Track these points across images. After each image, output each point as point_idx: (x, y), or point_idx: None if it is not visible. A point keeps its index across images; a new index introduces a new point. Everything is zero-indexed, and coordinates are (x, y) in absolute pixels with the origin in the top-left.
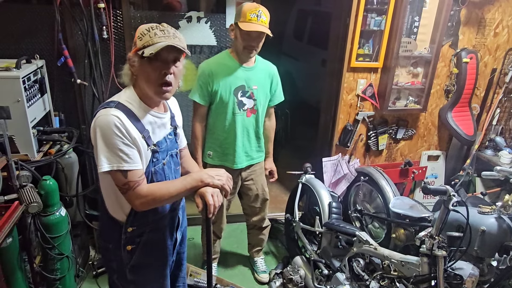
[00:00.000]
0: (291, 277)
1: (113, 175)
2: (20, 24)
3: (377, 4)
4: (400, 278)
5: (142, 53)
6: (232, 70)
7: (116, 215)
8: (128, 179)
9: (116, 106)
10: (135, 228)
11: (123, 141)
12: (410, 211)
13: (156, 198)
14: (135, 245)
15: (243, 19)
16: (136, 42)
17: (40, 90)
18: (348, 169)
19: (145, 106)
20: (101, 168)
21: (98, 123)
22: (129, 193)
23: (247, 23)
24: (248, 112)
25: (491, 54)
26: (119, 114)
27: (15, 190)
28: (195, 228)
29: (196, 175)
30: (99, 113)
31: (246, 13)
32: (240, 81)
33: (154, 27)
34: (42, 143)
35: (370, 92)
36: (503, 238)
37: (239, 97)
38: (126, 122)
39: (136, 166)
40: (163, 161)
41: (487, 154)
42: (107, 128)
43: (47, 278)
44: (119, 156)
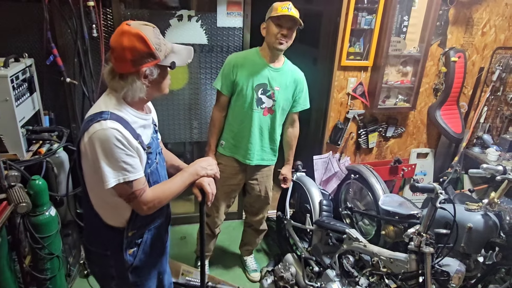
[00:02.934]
0: (282, 275)
1: (118, 188)
2: (8, 22)
3: (367, 3)
4: (389, 275)
5: (173, 64)
6: (257, 66)
7: (113, 222)
8: (134, 189)
9: (111, 117)
10: (135, 231)
11: (126, 152)
12: (399, 208)
13: (162, 200)
14: (136, 247)
15: (274, 12)
16: (156, 55)
17: (29, 89)
18: (338, 167)
19: (134, 111)
20: (107, 184)
21: (97, 138)
22: (135, 201)
23: (281, 12)
24: (265, 111)
25: (478, 53)
26: (117, 126)
27: (4, 190)
28: (188, 227)
29: (192, 170)
30: (94, 128)
31: (278, 7)
32: (263, 79)
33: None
34: (31, 142)
35: (360, 90)
36: (489, 234)
37: (259, 94)
38: (125, 133)
39: (140, 174)
40: (156, 161)
41: (474, 152)
42: (108, 143)
43: (37, 278)
44: (123, 168)
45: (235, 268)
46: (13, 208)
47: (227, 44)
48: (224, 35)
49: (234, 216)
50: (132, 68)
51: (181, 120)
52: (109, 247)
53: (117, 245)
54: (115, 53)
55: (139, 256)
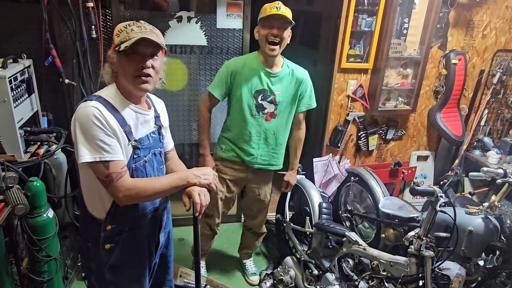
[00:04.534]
0: (281, 278)
1: (95, 167)
2: (7, 22)
3: (368, 5)
4: (389, 278)
5: (119, 48)
6: (255, 72)
7: (95, 212)
8: (110, 171)
9: (97, 99)
10: (114, 226)
11: (104, 132)
12: (399, 211)
13: (140, 192)
14: (114, 244)
15: (263, 14)
16: (114, 39)
17: (28, 90)
18: (338, 169)
19: (126, 101)
20: (81, 159)
21: (77, 115)
22: (111, 185)
23: (267, 14)
24: (267, 116)
25: (479, 56)
26: (98, 106)
27: (1, 191)
28: (186, 229)
29: (182, 174)
30: (79, 107)
31: (266, 8)
32: (261, 85)
33: (131, 24)
34: (29, 143)
35: (360, 93)
36: (490, 238)
37: (259, 100)
38: (105, 113)
39: (117, 157)
40: (145, 158)
41: (475, 155)
42: (86, 119)
43: (34, 280)
44: (100, 147)
45: (234, 272)
46: (11, 210)
47: (227, 45)
48: (223, 36)
49: (233, 219)
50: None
51: (180, 121)
52: (90, 239)
53: (96, 238)
54: None
55: (117, 255)
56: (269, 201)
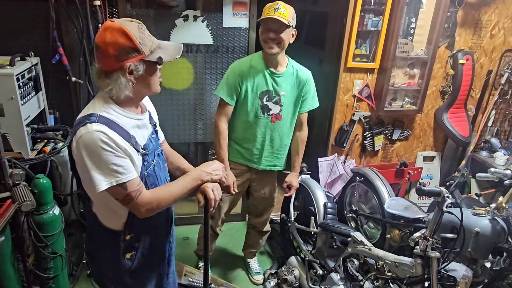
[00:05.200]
0: (285, 277)
1: (112, 191)
2: (15, 21)
3: (374, 5)
4: (394, 279)
5: (160, 59)
6: (260, 73)
7: (112, 225)
8: (129, 190)
9: (99, 119)
10: (133, 235)
11: (114, 154)
12: (405, 212)
13: (161, 203)
14: (134, 251)
15: (262, 15)
16: (140, 49)
17: (35, 87)
18: (343, 169)
19: (125, 112)
20: (98, 188)
21: (82, 143)
22: (132, 203)
23: (264, 17)
24: (272, 118)
25: (487, 56)
26: (103, 129)
27: (8, 188)
28: (191, 228)
29: (195, 174)
30: (80, 132)
31: (265, 9)
32: (267, 86)
33: (142, 27)
34: (36, 141)
35: (366, 92)
36: (497, 239)
37: (265, 101)
38: (112, 135)
39: (132, 176)
40: (153, 163)
41: (482, 155)
42: (94, 146)
43: (40, 277)
44: (114, 170)
45: (238, 270)
46: (17, 207)
47: (233, 44)
48: (229, 35)
49: (237, 218)
50: (115, 64)
51: (185, 120)
52: (108, 250)
53: (115, 249)
54: (99, 49)
55: (138, 260)
56: (274, 199)
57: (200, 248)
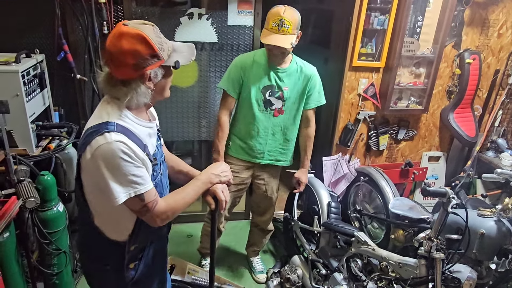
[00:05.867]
0: (288, 277)
1: (129, 202)
2: (20, 18)
3: (380, 3)
4: (398, 280)
5: (177, 63)
6: (263, 68)
7: (116, 237)
8: (146, 201)
9: (116, 129)
10: (137, 245)
11: (134, 165)
12: (409, 212)
13: (176, 211)
14: (138, 261)
15: (266, 26)
16: (160, 55)
17: (40, 84)
18: (348, 168)
19: (139, 120)
20: (117, 201)
21: (101, 155)
22: (148, 214)
23: (267, 32)
24: (275, 112)
25: (494, 55)
26: (122, 138)
27: (13, 185)
28: (194, 225)
29: (204, 178)
30: (97, 142)
31: (270, 20)
32: (270, 81)
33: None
34: (41, 138)
35: (371, 91)
36: (502, 241)
37: (267, 96)
38: (131, 145)
39: (150, 186)
40: (160, 172)
41: (488, 156)
42: (114, 158)
43: (44, 273)
44: (132, 181)
45: (241, 269)
46: (22, 203)
47: (237, 42)
48: (234, 33)
49: (240, 216)
50: (134, 73)
51: (189, 118)
52: (109, 262)
53: (118, 260)
54: (114, 58)
55: (141, 270)
56: (276, 198)
57: (203, 246)
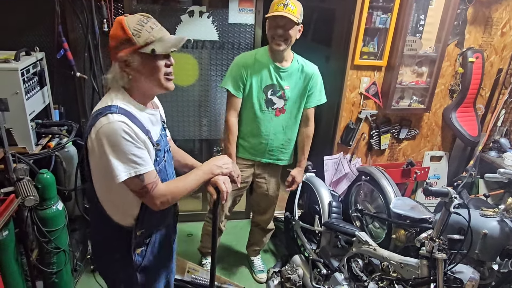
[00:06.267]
0: (289, 276)
1: (130, 182)
2: (20, 15)
3: (382, 2)
4: (399, 280)
5: (153, 51)
6: (265, 67)
7: (123, 221)
8: (146, 182)
9: (119, 111)
10: (143, 231)
11: (135, 145)
12: (411, 212)
13: (175, 196)
14: (145, 247)
15: (270, 10)
16: (133, 40)
17: (40, 82)
18: (349, 168)
19: (141, 106)
20: (118, 179)
21: (104, 132)
22: (148, 195)
23: (273, 12)
24: (276, 112)
25: (497, 54)
26: (124, 119)
27: (12, 183)
28: (194, 224)
29: (206, 168)
30: (100, 122)
31: (274, 4)
32: (271, 80)
33: (144, 20)
34: (41, 136)
35: (373, 90)
36: (505, 241)
37: (269, 95)
38: (132, 126)
39: (150, 167)
40: (164, 159)
41: (491, 156)
42: (115, 136)
43: (43, 271)
44: (133, 161)
45: (241, 268)
46: (21, 201)
47: (238, 41)
48: (235, 31)
49: (241, 215)
50: (113, 55)
51: (190, 117)
52: (118, 249)
53: (125, 246)
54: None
55: (148, 257)
56: (277, 197)
57: (203, 245)
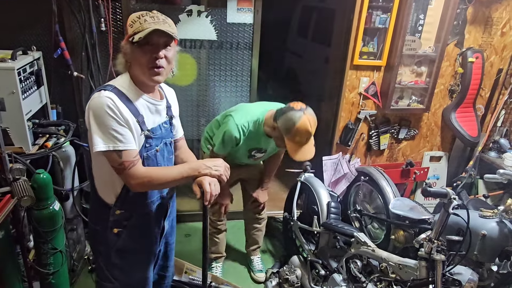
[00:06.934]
0: (287, 277)
1: (108, 156)
2: (17, 14)
3: (382, 2)
4: (398, 281)
5: (133, 39)
6: (256, 136)
7: (105, 197)
8: (123, 159)
9: (111, 89)
10: (123, 211)
11: (116, 121)
12: (410, 212)
13: (152, 180)
14: (122, 228)
15: (290, 138)
16: (128, 30)
17: (37, 82)
18: (348, 168)
19: (139, 91)
20: (95, 148)
21: (91, 105)
22: (124, 172)
23: (293, 145)
24: (256, 159)
25: (497, 54)
26: (112, 96)
27: (8, 183)
28: (192, 225)
29: (194, 165)
30: (93, 97)
31: (296, 135)
32: (259, 144)
33: (144, 14)
34: (38, 135)
35: (372, 90)
36: (504, 242)
37: (253, 153)
38: (118, 104)
39: (130, 146)
40: (157, 148)
41: (490, 156)
42: (100, 109)
43: (40, 272)
44: (113, 136)
45: (240, 268)
46: (17, 202)
47: (237, 40)
48: (234, 31)
49: (240, 215)
50: None
51: (188, 116)
52: (99, 223)
53: (105, 222)
54: None
55: (124, 239)
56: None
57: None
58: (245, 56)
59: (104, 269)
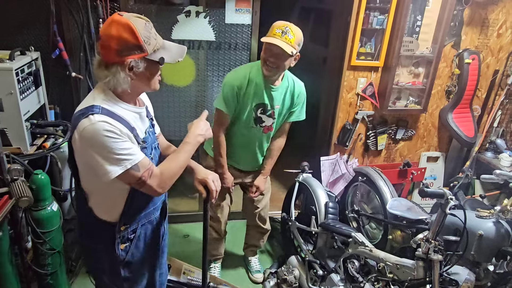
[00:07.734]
0: (285, 277)
1: (126, 176)
2: (15, 15)
3: (379, 3)
4: (395, 281)
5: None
6: (258, 87)
7: (106, 217)
8: (141, 172)
9: (101, 111)
10: (128, 226)
11: (120, 139)
12: (407, 212)
13: (172, 176)
14: (129, 242)
15: (268, 33)
16: (144, 48)
17: (35, 82)
18: (346, 168)
19: (125, 104)
20: (111, 175)
21: (85, 135)
22: (147, 184)
23: (269, 37)
24: (265, 129)
25: (493, 55)
26: (104, 118)
27: (6, 183)
28: (191, 225)
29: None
30: (83, 124)
31: (274, 28)
32: (263, 99)
33: (148, 26)
34: (36, 136)
35: (370, 91)
36: (501, 242)
37: (259, 113)
38: (114, 123)
39: (141, 155)
40: (151, 156)
41: (487, 157)
42: (98, 137)
43: (38, 273)
44: (123, 155)
45: (238, 269)
46: (15, 202)
47: (235, 41)
48: (232, 32)
49: (238, 216)
50: (116, 57)
51: (187, 117)
52: (102, 241)
53: (110, 240)
54: (103, 41)
55: (132, 251)
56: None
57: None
58: (243, 56)
59: (111, 285)
